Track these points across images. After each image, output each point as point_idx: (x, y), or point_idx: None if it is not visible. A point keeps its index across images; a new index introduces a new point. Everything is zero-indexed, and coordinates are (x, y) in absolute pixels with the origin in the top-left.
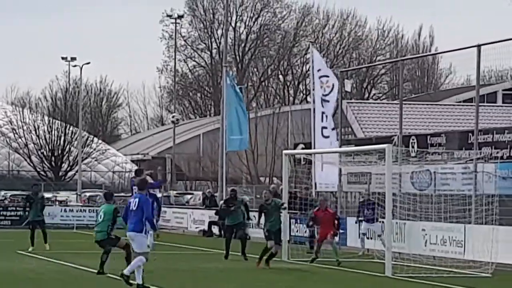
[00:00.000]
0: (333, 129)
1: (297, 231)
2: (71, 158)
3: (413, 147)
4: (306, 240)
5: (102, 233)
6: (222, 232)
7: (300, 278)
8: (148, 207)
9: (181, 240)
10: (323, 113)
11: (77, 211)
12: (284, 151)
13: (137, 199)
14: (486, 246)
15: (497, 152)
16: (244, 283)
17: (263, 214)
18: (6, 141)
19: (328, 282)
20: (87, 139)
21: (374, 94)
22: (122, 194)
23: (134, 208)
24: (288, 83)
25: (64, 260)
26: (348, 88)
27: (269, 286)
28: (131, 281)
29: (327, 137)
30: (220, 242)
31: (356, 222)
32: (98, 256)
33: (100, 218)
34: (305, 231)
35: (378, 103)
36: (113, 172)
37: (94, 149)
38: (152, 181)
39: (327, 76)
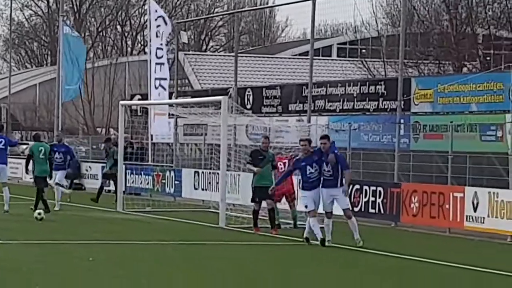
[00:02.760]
0: (166, 79)
1: (132, 181)
2: None
3: (248, 99)
4: (142, 191)
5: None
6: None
7: (133, 228)
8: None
9: (15, 190)
10: (157, 64)
11: None
12: (121, 102)
13: None
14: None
15: (330, 106)
16: (75, 232)
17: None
18: None
19: (160, 232)
20: None
21: (212, 46)
22: None
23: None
24: (126, 34)
25: None
26: (184, 39)
27: (102, 236)
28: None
29: (162, 87)
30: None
31: None
32: None
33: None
34: (141, 182)
35: (215, 55)
36: None
37: None
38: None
39: (165, 25)
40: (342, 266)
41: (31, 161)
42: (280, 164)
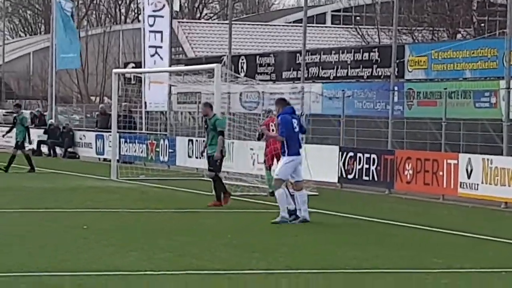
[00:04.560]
0: (162, 47)
1: (126, 150)
2: None
3: (242, 67)
4: (136, 159)
5: None
6: (51, 151)
7: (127, 196)
8: None
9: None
10: (151, 31)
11: None
12: (114, 70)
13: None
14: (311, 165)
15: (324, 73)
16: (69, 200)
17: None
18: None
19: (154, 200)
20: None
21: (206, 14)
22: None
23: None
24: (120, 2)
25: None
26: (176, 7)
27: (96, 204)
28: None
29: (158, 55)
30: (49, 161)
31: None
32: None
33: None
34: (135, 150)
35: (209, 23)
36: None
37: None
38: None
39: None
40: (337, 232)
41: None
42: (272, 126)
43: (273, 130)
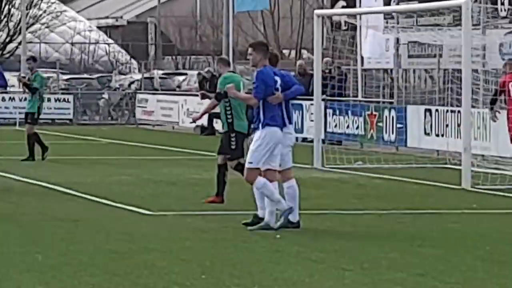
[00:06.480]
0: None
1: (335, 125)
2: (11, 24)
3: (502, 3)
4: (347, 138)
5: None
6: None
7: (337, 191)
8: None
9: (170, 141)
10: None
11: (20, 100)
12: (316, 11)
13: None
14: None
15: None
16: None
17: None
18: None
19: (377, 197)
20: None
21: None
22: (85, 75)
23: None
24: None
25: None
26: None
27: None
28: None
29: None
30: None
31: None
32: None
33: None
34: (347, 126)
35: None
36: (72, 44)
37: (45, 11)
38: None
39: None
40: None
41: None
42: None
43: (509, 91)
